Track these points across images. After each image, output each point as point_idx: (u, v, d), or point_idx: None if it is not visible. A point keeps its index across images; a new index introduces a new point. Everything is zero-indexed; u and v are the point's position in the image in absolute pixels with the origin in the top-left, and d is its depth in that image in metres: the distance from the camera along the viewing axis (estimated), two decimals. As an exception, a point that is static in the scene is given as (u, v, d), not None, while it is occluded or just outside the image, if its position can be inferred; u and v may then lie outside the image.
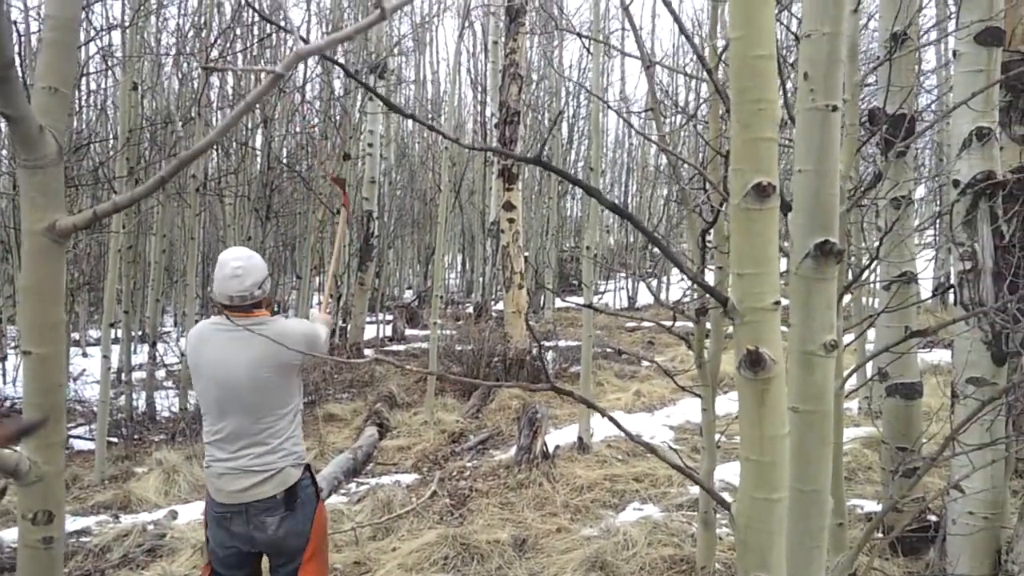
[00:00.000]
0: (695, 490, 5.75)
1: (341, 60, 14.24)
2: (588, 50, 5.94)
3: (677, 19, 2.88)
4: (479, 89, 19.99)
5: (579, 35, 4.01)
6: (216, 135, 0.72)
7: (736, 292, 1.34)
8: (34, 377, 1.26)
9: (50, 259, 1.19)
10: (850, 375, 3.15)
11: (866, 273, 3.21)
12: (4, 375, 10.86)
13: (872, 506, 5.49)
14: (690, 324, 4.16)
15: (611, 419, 1.49)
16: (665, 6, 2.71)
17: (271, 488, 3.13)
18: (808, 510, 1.54)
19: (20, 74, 6.76)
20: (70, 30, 1.23)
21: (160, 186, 0.73)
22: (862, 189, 3.19)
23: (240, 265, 3.16)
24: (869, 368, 6.92)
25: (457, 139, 1.10)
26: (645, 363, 12.06)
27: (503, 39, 11.53)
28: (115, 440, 8.11)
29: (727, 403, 7.97)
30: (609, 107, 4.19)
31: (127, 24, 8.03)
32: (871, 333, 6.96)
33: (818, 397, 1.54)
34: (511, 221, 10.81)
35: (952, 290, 3.89)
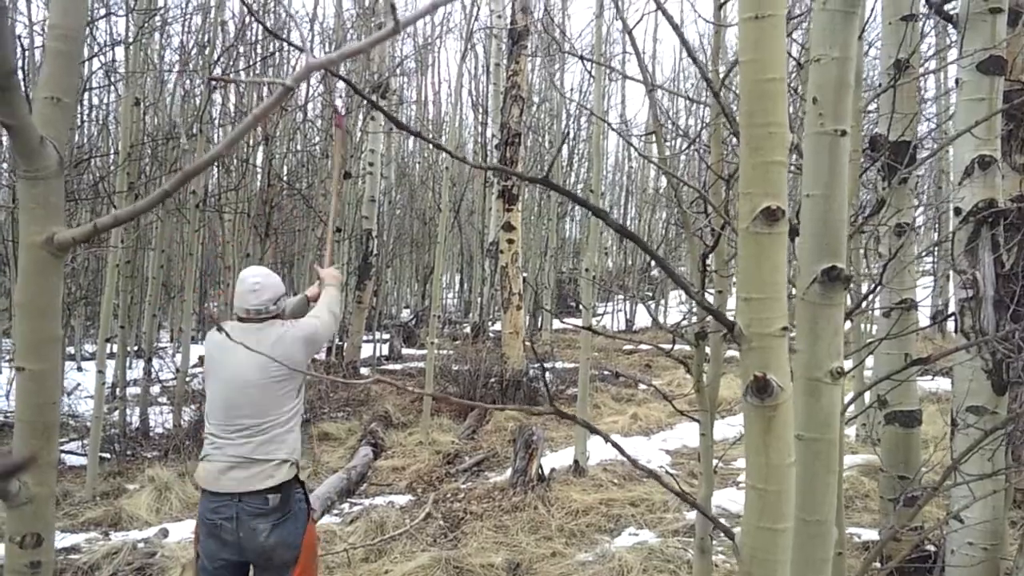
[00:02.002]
0: (691, 516, 5.71)
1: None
2: (590, 73, 5.96)
3: (684, 41, 2.88)
4: (480, 110, 20.07)
5: (581, 58, 4.01)
6: (222, 148, 0.70)
7: (743, 317, 1.32)
8: (27, 394, 1.23)
9: (47, 273, 1.16)
10: (851, 403, 3.13)
11: (865, 302, 3.19)
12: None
13: (870, 534, 5.45)
14: (687, 348, 4.13)
15: (614, 444, 1.46)
16: (673, 29, 2.71)
17: (264, 481, 3.24)
18: (812, 541, 1.51)
19: (23, 86, 6.76)
20: (74, 40, 1.22)
21: (163, 199, 0.71)
22: (865, 216, 3.18)
23: (258, 281, 3.43)
24: (867, 395, 6.90)
25: (463, 157, 1.08)
26: (642, 386, 12.02)
27: (505, 61, 11.59)
28: (108, 456, 8.04)
29: (725, 428, 7.93)
30: (612, 128, 4.19)
31: (131, 40, 8.05)
32: (869, 360, 6.95)
33: (824, 425, 1.52)
34: (511, 242, 10.81)
35: (952, 318, 3.88)
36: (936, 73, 12.54)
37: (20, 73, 7.29)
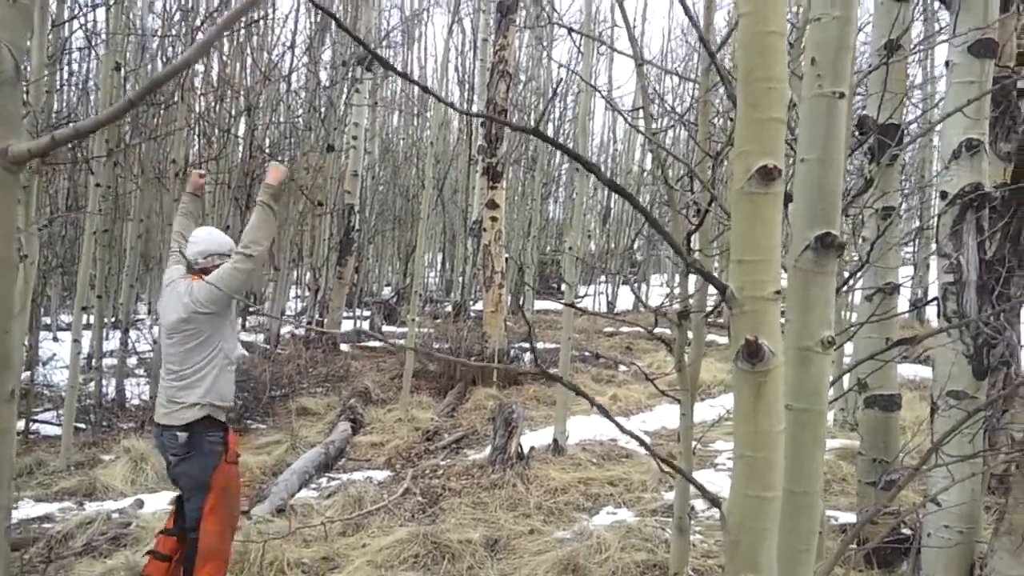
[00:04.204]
0: (670, 496, 5.71)
1: (328, 52, 14.15)
2: (579, 49, 5.91)
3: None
4: (467, 87, 19.92)
5: (570, 30, 3.96)
6: (194, 52, 0.66)
7: (736, 280, 1.28)
8: None
9: (2, 188, 1.10)
10: (831, 386, 3.12)
11: (852, 280, 3.18)
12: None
13: (846, 517, 5.47)
14: (668, 332, 4.10)
15: (601, 408, 1.43)
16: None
17: (177, 420, 3.74)
18: (799, 512, 1.48)
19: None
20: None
21: (128, 109, 0.67)
22: (851, 195, 3.16)
23: (198, 235, 4.07)
24: (846, 380, 6.91)
25: (452, 103, 1.04)
26: (623, 368, 12.04)
27: (492, 37, 11.48)
28: (83, 426, 7.95)
29: (704, 410, 7.95)
30: (601, 95, 4.15)
31: (111, 2, 7.88)
32: (847, 347, 6.98)
33: (814, 394, 1.49)
34: (494, 220, 10.76)
35: (931, 304, 3.88)
36: (923, 61, 12.56)
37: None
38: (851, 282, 3.14)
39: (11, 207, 1.08)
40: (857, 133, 4.11)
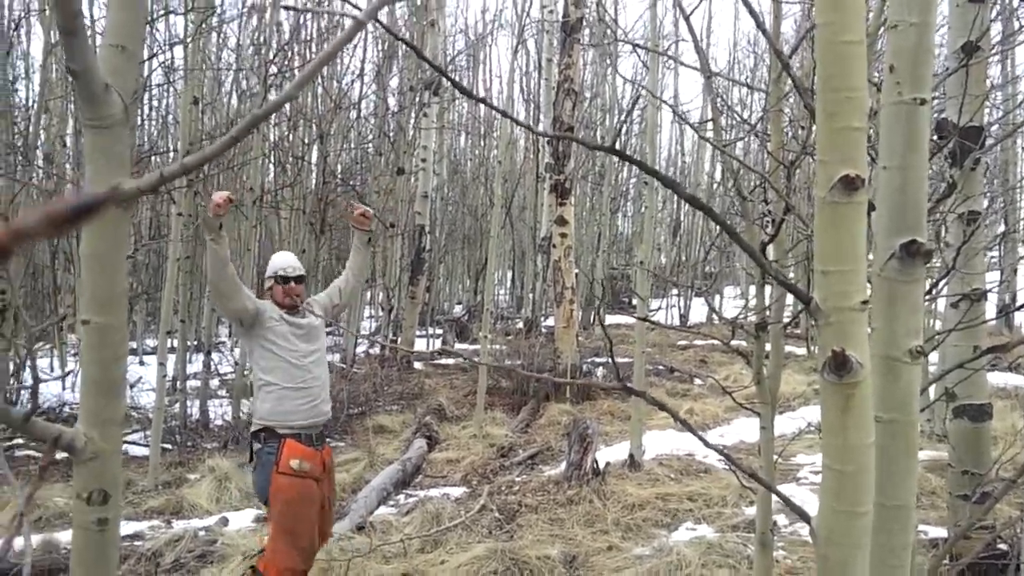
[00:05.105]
0: (750, 511, 5.61)
1: (396, 79, 14.40)
2: (645, 64, 5.91)
3: (751, 10, 2.81)
4: (532, 106, 20.03)
5: (636, 45, 3.96)
6: (293, 89, 0.69)
7: (821, 291, 1.27)
8: (92, 349, 1.21)
9: (112, 225, 1.16)
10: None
11: (937, 288, 3.08)
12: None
13: (937, 532, 5.29)
14: (743, 343, 4.05)
15: (685, 424, 1.43)
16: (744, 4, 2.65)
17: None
18: (891, 526, 1.45)
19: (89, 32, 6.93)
20: (138, -13, 1.22)
21: (232, 144, 0.70)
22: (934, 200, 3.08)
23: None
24: (932, 391, 6.68)
25: (529, 126, 1.06)
26: (698, 382, 11.89)
27: (557, 56, 11.52)
28: (169, 447, 8.21)
29: (784, 423, 7.78)
30: (670, 107, 4.14)
31: (189, 39, 8.19)
32: (933, 355, 6.74)
33: (903, 405, 1.45)
34: (563, 236, 10.75)
35: (1020, 309, 3.74)
36: (1002, 61, 12.15)
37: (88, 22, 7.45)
38: (936, 290, 3.05)
39: (122, 241, 1.15)
40: (936, 137, 4.00)
